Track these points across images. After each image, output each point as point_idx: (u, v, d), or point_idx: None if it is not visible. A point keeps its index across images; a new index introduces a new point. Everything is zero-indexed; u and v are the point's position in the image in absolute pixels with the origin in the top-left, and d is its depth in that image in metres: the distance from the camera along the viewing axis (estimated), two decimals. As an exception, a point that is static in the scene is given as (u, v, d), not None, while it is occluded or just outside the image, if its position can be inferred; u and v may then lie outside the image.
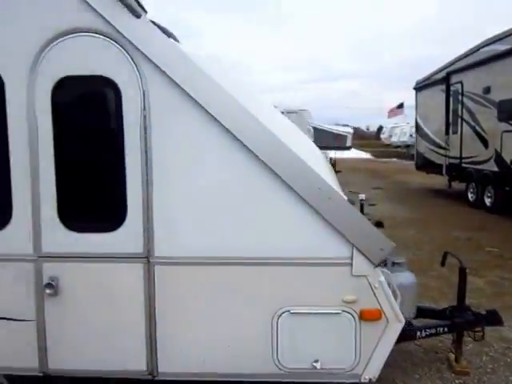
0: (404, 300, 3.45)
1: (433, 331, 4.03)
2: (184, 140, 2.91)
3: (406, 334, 3.73)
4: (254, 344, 3.01)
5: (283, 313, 2.96)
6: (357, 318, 2.96)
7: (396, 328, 3.00)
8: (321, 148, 8.59)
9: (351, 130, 26.63)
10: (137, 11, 2.81)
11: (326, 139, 21.43)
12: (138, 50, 2.84)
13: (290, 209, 2.89)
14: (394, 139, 43.68)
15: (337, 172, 9.16)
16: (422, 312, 4.14)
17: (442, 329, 4.05)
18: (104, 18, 2.82)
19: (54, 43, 2.88)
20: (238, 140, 2.84)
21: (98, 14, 2.82)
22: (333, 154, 21.19)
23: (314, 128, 21.50)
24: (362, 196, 5.73)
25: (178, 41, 3.34)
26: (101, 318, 3.03)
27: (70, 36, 2.86)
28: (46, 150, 2.92)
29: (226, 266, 2.95)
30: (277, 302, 2.97)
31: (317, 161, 4.22)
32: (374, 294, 2.95)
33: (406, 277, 3.83)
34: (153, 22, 2.92)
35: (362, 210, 5.28)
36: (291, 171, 2.85)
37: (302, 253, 2.93)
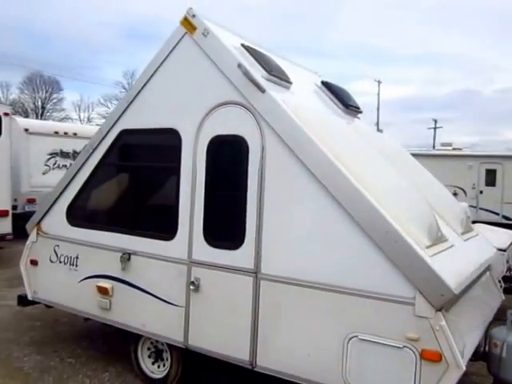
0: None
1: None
2: (287, 186, 3.73)
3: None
4: (328, 358, 3.55)
5: (353, 337, 3.45)
6: (418, 356, 3.23)
7: (455, 374, 3.14)
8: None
9: None
10: (262, 88, 3.79)
11: None
12: (261, 116, 3.81)
13: (364, 249, 3.39)
14: None
15: None
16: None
17: None
18: (241, 93, 3.90)
19: (213, 111, 4.09)
20: (327, 190, 3.51)
21: (238, 91, 3.92)
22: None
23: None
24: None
25: (291, 82, 4.30)
26: (224, 313, 4.02)
27: (222, 107, 4.04)
28: (199, 189, 4.13)
29: (310, 288, 3.61)
30: (349, 327, 3.46)
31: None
32: (436, 336, 3.18)
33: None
34: (274, 75, 3.95)
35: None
36: (366, 217, 3.38)
37: (373, 287, 3.38)
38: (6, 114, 9.49)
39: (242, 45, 4.23)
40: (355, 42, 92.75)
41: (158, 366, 4.67)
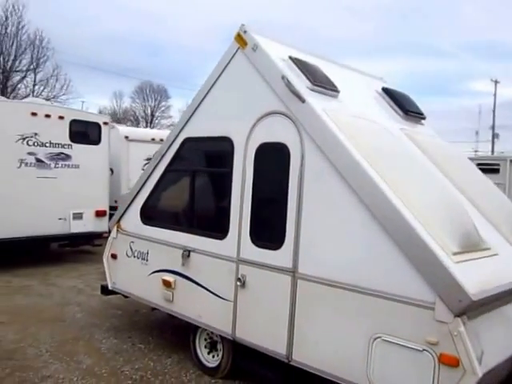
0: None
1: None
2: (324, 193, 3.94)
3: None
4: (354, 357, 3.69)
5: (377, 338, 3.56)
6: (436, 360, 3.28)
7: (472, 380, 3.14)
8: None
9: None
10: (302, 98, 4.05)
11: None
12: (302, 125, 4.06)
13: (390, 253, 3.51)
14: None
15: None
16: None
17: None
18: (284, 104, 4.18)
19: (260, 120, 4.41)
20: (358, 197, 3.67)
21: (282, 101, 4.20)
22: None
23: None
24: None
25: (338, 91, 4.51)
26: (265, 309, 4.30)
27: (268, 116, 4.34)
28: (247, 193, 4.46)
29: (340, 288, 3.78)
30: (374, 328, 3.59)
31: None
32: (454, 341, 3.21)
33: None
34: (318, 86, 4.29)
35: None
36: (391, 222, 3.49)
37: (396, 290, 3.47)
38: (106, 123, 10.55)
39: (290, 57, 4.49)
40: (473, 40, 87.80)
41: (213, 356, 5.06)
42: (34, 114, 9.32)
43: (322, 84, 4.42)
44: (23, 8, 34.62)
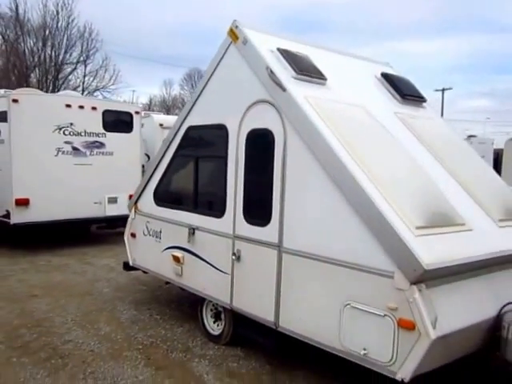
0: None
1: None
2: (303, 174, 4.30)
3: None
4: (329, 323, 4.05)
5: (347, 305, 3.92)
6: (396, 324, 3.61)
7: (426, 342, 3.45)
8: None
9: None
10: (283, 87, 4.40)
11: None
12: (284, 112, 4.42)
13: (357, 228, 3.84)
14: None
15: None
16: None
17: None
18: (269, 93, 4.54)
19: (250, 108, 4.79)
20: (331, 178, 4.01)
21: (267, 90, 4.56)
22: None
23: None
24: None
25: (325, 79, 4.81)
26: (256, 280, 4.72)
27: (256, 104, 4.72)
28: (240, 175, 4.87)
29: (317, 261, 4.14)
30: (344, 296, 3.94)
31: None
32: (410, 307, 3.53)
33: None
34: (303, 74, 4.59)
35: None
36: (357, 200, 3.82)
37: (363, 261, 3.81)
38: (137, 113, 11.18)
39: (278, 48, 4.83)
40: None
41: (217, 325, 5.54)
42: (68, 106, 10.04)
43: (307, 73, 4.73)
44: (73, 2, 36.08)
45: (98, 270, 8.69)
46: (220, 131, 5.15)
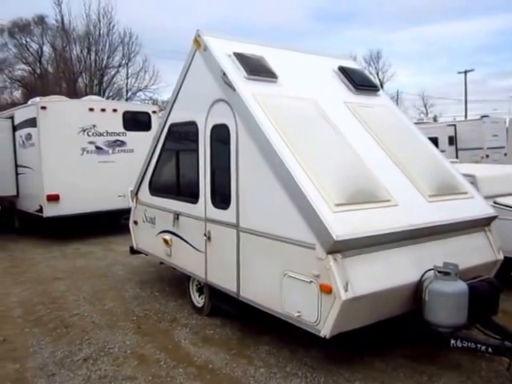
0: (450, 306, 4.28)
1: (472, 346, 4.26)
2: (251, 164, 4.94)
3: (439, 337, 4.36)
4: (274, 291, 4.68)
5: (285, 274, 4.54)
6: (319, 289, 4.21)
7: (338, 303, 4.03)
8: None
9: None
10: (233, 87, 5.04)
11: None
12: (235, 109, 5.06)
13: (288, 206, 4.44)
14: None
15: None
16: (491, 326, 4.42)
17: (485, 347, 4.21)
18: (224, 92, 5.20)
19: (212, 105, 5.47)
20: (269, 165, 4.63)
21: (223, 91, 5.22)
22: None
23: None
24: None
25: (276, 77, 5.38)
26: (222, 257, 5.41)
27: (216, 103, 5.40)
28: (207, 165, 5.57)
29: (261, 237, 4.79)
30: (283, 267, 4.57)
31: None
32: (327, 273, 4.12)
33: (455, 285, 4.36)
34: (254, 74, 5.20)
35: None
36: (287, 182, 4.43)
37: (294, 236, 4.42)
38: (154, 112, 12.06)
39: (234, 53, 5.46)
40: None
41: (202, 298, 6.28)
42: (91, 110, 11.04)
43: (258, 73, 5.34)
44: (112, 9, 37.97)
45: (117, 255, 9.65)
46: (192, 127, 5.85)
